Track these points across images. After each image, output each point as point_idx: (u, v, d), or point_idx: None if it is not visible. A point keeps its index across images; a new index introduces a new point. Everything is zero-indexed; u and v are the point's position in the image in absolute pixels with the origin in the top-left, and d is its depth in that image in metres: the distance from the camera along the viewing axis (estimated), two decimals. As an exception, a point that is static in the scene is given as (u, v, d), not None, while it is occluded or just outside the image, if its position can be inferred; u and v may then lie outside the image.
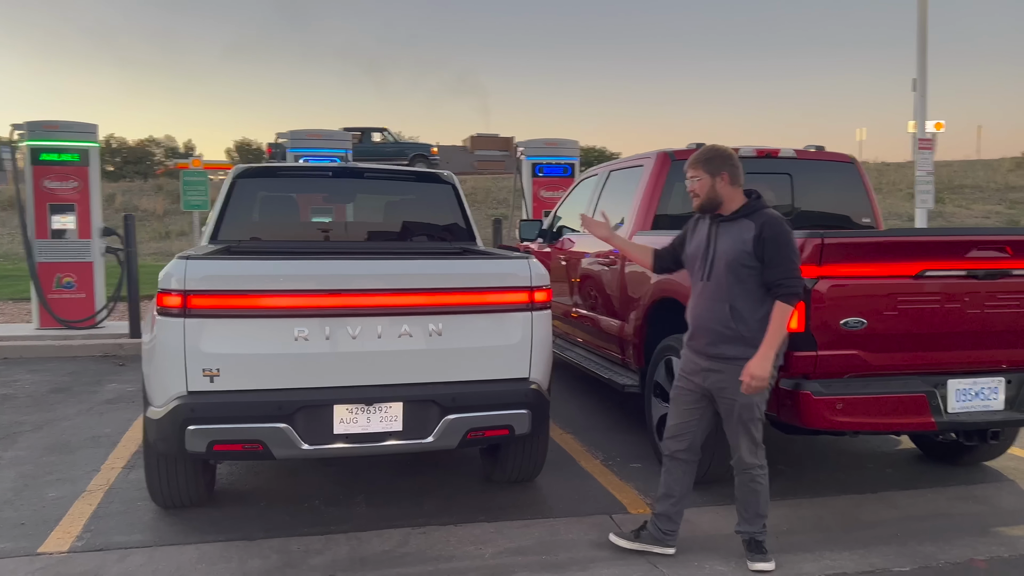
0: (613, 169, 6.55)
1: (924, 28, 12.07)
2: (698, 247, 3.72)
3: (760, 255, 3.46)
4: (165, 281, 3.48)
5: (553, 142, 10.93)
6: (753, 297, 3.52)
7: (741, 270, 3.51)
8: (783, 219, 3.54)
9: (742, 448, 3.65)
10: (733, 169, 3.62)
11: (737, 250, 3.52)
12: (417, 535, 4.07)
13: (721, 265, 3.55)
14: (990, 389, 4.02)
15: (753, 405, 3.58)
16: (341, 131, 10.50)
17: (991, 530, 4.19)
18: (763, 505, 3.71)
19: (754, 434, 3.63)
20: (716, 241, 3.61)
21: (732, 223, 3.60)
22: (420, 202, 5.40)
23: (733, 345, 3.54)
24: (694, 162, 3.68)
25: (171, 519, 4.23)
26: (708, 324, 3.60)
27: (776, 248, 3.45)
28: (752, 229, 3.50)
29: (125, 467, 5.13)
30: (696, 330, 3.69)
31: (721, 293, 3.56)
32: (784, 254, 3.45)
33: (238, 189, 5.08)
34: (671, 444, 3.83)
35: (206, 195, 9.84)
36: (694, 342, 3.71)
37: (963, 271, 3.90)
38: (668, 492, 3.85)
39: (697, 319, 3.67)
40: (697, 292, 3.69)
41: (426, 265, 3.78)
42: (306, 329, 3.55)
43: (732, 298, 3.53)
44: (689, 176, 3.70)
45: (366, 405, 3.64)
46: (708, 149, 3.69)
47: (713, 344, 3.59)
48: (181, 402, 3.51)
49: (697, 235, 3.76)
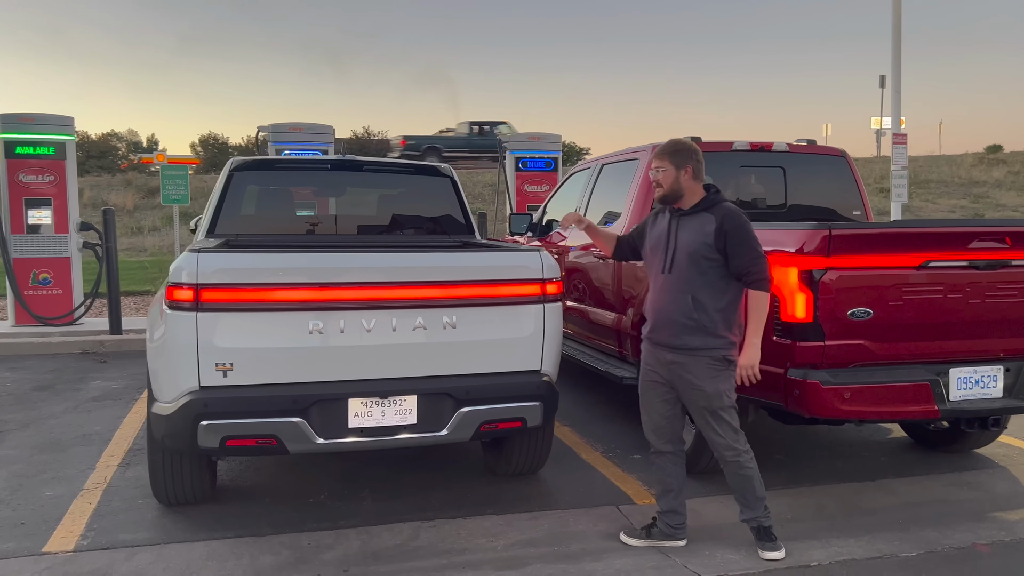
0: (606, 163, 6.56)
1: (898, 25, 12.26)
2: (658, 240, 3.76)
3: (722, 247, 3.54)
4: (176, 275, 3.43)
5: (536, 136, 10.95)
6: (714, 288, 3.59)
7: (703, 262, 3.58)
8: (741, 211, 3.66)
9: (720, 437, 3.68)
10: (697, 164, 3.71)
11: (699, 242, 3.58)
12: (427, 529, 4.06)
13: (683, 257, 3.61)
14: (989, 377, 4.10)
15: (722, 393, 3.62)
16: (324, 125, 10.39)
17: (988, 515, 4.29)
18: (758, 487, 3.74)
19: (730, 421, 3.66)
20: (677, 234, 3.66)
21: (692, 216, 3.66)
22: (419, 195, 5.37)
23: (695, 335, 3.59)
24: (661, 153, 3.73)
25: (175, 517, 4.18)
26: (671, 316, 3.64)
27: (739, 239, 3.54)
28: (713, 222, 3.58)
29: (121, 465, 5.05)
30: (658, 323, 3.71)
31: (683, 285, 3.61)
32: (747, 243, 3.54)
33: (235, 182, 5.02)
34: (653, 440, 3.86)
35: (186, 189, 9.70)
36: (656, 335, 3.73)
37: (965, 262, 3.97)
38: (666, 487, 3.87)
39: (659, 312, 3.70)
40: (658, 285, 3.73)
41: (441, 258, 3.77)
42: (321, 322, 3.52)
43: (694, 289, 3.59)
44: (654, 166, 3.74)
45: (381, 398, 3.62)
46: (675, 142, 3.76)
47: (676, 335, 3.62)
48: (193, 397, 3.46)
49: (656, 228, 3.81)
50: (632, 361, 5.67)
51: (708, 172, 5.98)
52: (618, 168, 6.25)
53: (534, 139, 10.91)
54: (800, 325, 3.89)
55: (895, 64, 12.23)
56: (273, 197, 5.20)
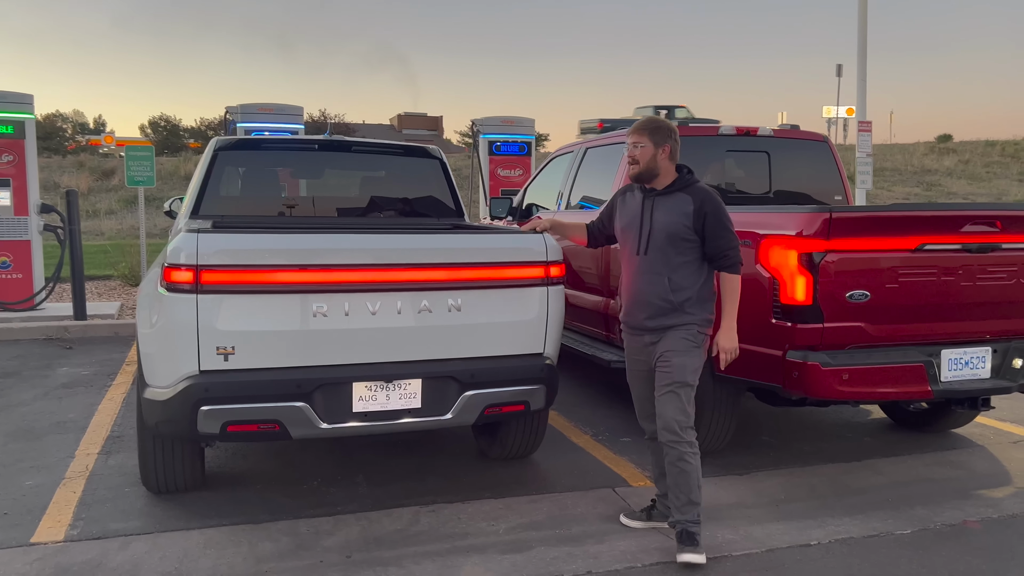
0: (590, 146, 6.54)
1: (864, 15, 12.43)
2: (631, 221, 3.68)
3: (699, 229, 3.50)
4: (175, 256, 3.32)
5: (510, 120, 10.88)
6: (689, 269, 3.56)
7: (680, 243, 3.53)
8: (716, 192, 3.63)
9: (672, 416, 3.51)
10: (675, 144, 3.63)
11: (677, 223, 3.52)
12: (427, 513, 4.03)
13: (660, 238, 3.54)
14: (978, 358, 4.20)
15: (686, 368, 3.52)
16: (293, 105, 10.19)
17: (974, 493, 4.40)
18: (695, 489, 3.54)
19: (684, 404, 3.53)
20: (652, 215, 3.58)
21: (667, 197, 3.59)
22: (408, 177, 5.29)
23: (671, 316, 3.56)
24: (640, 129, 3.62)
25: (166, 504, 4.07)
26: (647, 298, 3.58)
27: (718, 221, 3.50)
28: (690, 203, 3.52)
29: (102, 452, 4.90)
30: (634, 305, 3.65)
31: (659, 266, 3.56)
32: (726, 226, 3.52)
33: (219, 162, 4.88)
34: (646, 427, 3.84)
35: (152, 171, 9.43)
36: (632, 318, 3.68)
37: (958, 245, 4.05)
38: (663, 471, 3.80)
39: (636, 294, 3.64)
40: (633, 267, 3.65)
41: (447, 239, 3.72)
42: (325, 305, 3.44)
43: (671, 270, 3.54)
44: (632, 142, 3.62)
45: (385, 382, 3.57)
46: (654, 120, 3.66)
47: (652, 317, 3.58)
48: (193, 382, 3.37)
49: (628, 209, 3.72)
50: (619, 345, 5.68)
51: (695, 156, 6.07)
52: (604, 152, 6.23)
53: (508, 123, 10.84)
54: (800, 307, 3.92)
55: (860, 54, 12.40)
56: (259, 178, 5.07)
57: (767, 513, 4.11)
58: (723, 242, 3.50)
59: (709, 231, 3.50)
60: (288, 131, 9.99)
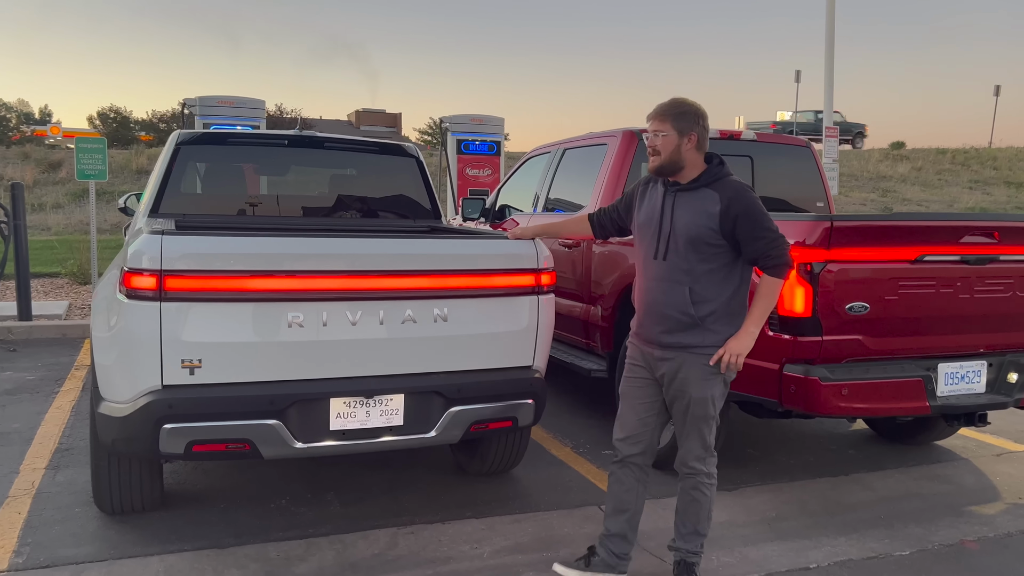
0: (568, 148, 6.34)
1: (831, 23, 12.48)
2: (649, 219, 3.18)
3: (729, 232, 3.00)
4: (135, 259, 3.02)
5: (479, 118, 10.63)
6: (715, 278, 3.06)
7: (705, 248, 3.03)
8: (748, 187, 3.12)
9: (690, 450, 3.19)
10: (703, 132, 3.11)
11: (700, 225, 3.02)
12: (405, 535, 3.78)
13: (681, 242, 3.05)
14: (974, 372, 4.09)
15: (708, 400, 3.12)
16: (254, 99, 9.80)
17: (965, 510, 4.30)
18: (704, 521, 3.24)
19: (706, 436, 3.17)
20: (673, 214, 3.09)
21: (691, 192, 3.09)
22: (383, 176, 5.03)
23: (691, 333, 3.08)
24: (661, 114, 3.10)
25: (122, 527, 3.76)
26: (663, 310, 3.11)
27: (750, 223, 2.99)
28: (717, 202, 3.01)
29: (49, 467, 4.55)
30: (648, 316, 3.19)
31: (679, 275, 3.07)
32: (762, 224, 3.00)
33: (182, 158, 4.56)
34: (625, 448, 3.29)
35: (104, 164, 8.98)
36: (645, 330, 3.21)
37: (957, 256, 3.93)
38: (620, 506, 3.32)
39: (650, 304, 3.17)
40: (649, 273, 3.17)
41: (433, 245, 3.46)
42: (301, 314, 3.17)
43: (693, 280, 3.05)
44: (652, 130, 3.12)
45: (365, 398, 3.31)
46: (680, 102, 3.12)
47: (669, 332, 3.11)
48: (155, 397, 3.07)
49: (648, 204, 3.23)
50: (600, 353, 5.50)
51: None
52: (584, 153, 6.04)
53: (477, 121, 10.59)
54: (798, 319, 3.77)
55: (828, 61, 12.45)
56: (224, 174, 4.76)
57: (760, 532, 3.95)
58: (762, 244, 2.99)
59: (742, 235, 2.99)
60: (249, 126, 9.61)
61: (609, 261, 5.30)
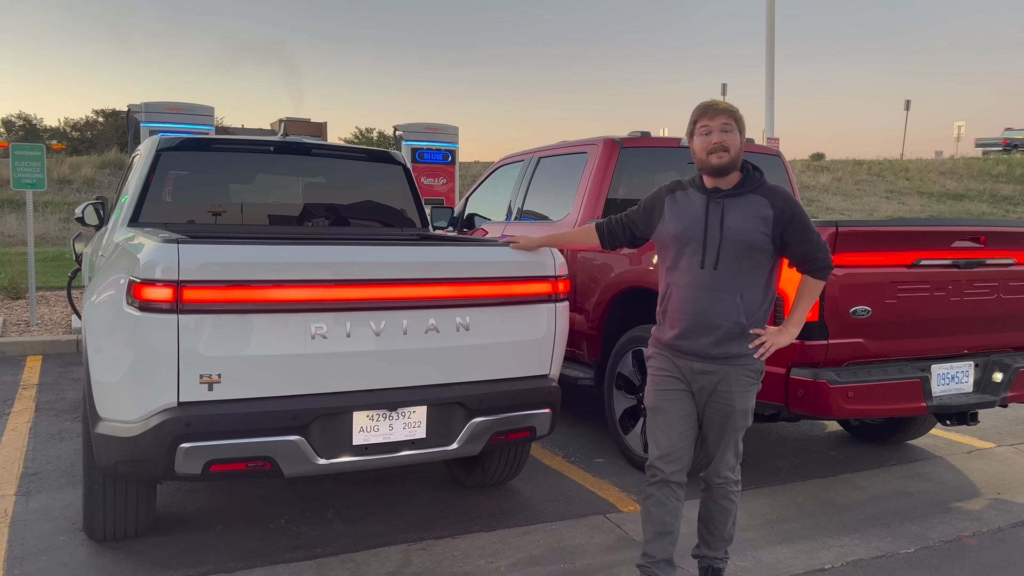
0: (544, 156, 6.33)
1: (772, 35, 12.87)
2: (691, 227, 3.03)
3: (780, 237, 2.96)
4: (149, 269, 2.85)
5: (433, 127, 10.52)
6: (759, 285, 3.03)
7: (756, 254, 2.97)
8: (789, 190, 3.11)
9: (726, 461, 3.15)
10: None
11: (755, 231, 2.95)
12: (417, 552, 3.68)
13: (736, 249, 2.95)
14: (963, 373, 4.23)
15: (749, 411, 3.09)
16: (204, 105, 9.48)
17: (952, 506, 4.43)
18: (731, 526, 3.23)
19: (739, 445, 3.16)
20: (723, 221, 2.97)
21: (739, 199, 2.99)
22: (370, 184, 4.90)
23: (739, 342, 3.01)
24: (728, 111, 2.98)
25: (115, 555, 3.54)
26: (714, 320, 2.98)
27: (801, 224, 2.98)
28: (768, 207, 2.95)
29: (19, 493, 4.27)
30: (697, 328, 3.02)
31: (731, 283, 2.97)
32: (811, 228, 3.01)
33: (163, 164, 4.36)
34: (665, 466, 3.11)
35: (42, 172, 8.51)
36: (691, 343, 3.03)
37: (949, 260, 4.07)
38: (664, 529, 3.13)
39: (698, 315, 3.00)
40: (695, 282, 3.01)
41: (453, 252, 3.38)
42: (324, 325, 3.05)
43: (743, 287, 2.98)
44: (722, 123, 2.96)
45: (389, 411, 3.20)
46: (728, 103, 3.03)
47: (719, 343, 2.99)
48: (171, 416, 2.90)
49: (683, 212, 3.07)
50: (586, 361, 5.49)
51: (657, 168, 5.96)
52: (562, 162, 6.03)
53: (431, 130, 10.48)
54: (806, 324, 3.81)
55: (768, 73, 12.82)
56: (208, 182, 4.56)
57: (767, 535, 3.99)
58: (810, 246, 2.99)
59: (794, 238, 2.96)
60: (196, 133, 9.27)
61: (596, 269, 5.29)
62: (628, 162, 5.59)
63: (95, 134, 45.91)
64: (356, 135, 43.24)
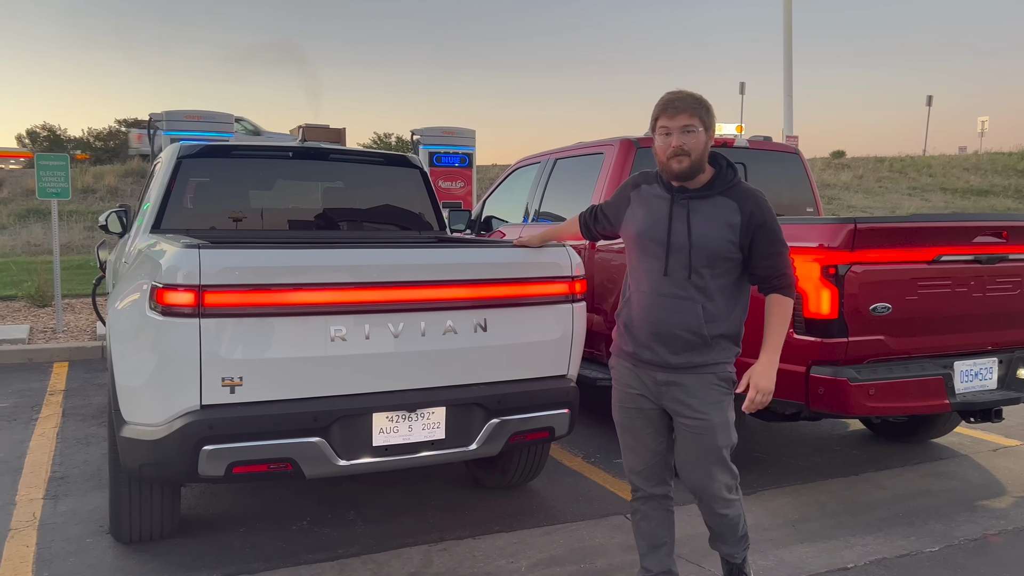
0: (560, 158, 6.34)
1: (789, 33, 12.80)
2: (653, 230, 2.80)
3: (746, 244, 2.73)
4: (171, 274, 2.90)
5: (450, 131, 10.57)
6: (727, 294, 2.79)
7: (720, 262, 2.74)
8: (763, 194, 2.80)
9: (717, 485, 2.88)
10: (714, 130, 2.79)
11: (720, 238, 2.72)
12: (438, 552, 3.70)
13: (697, 257, 2.73)
14: (986, 369, 4.19)
15: (729, 426, 2.85)
16: (223, 112, 9.58)
17: (977, 504, 4.39)
18: (743, 526, 3.05)
19: (730, 464, 2.89)
20: (688, 224, 2.74)
21: (705, 201, 2.75)
22: (388, 188, 4.94)
23: (700, 353, 2.78)
24: (694, 107, 2.69)
25: (141, 556, 3.60)
26: (673, 329, 2.78)
27: (771, 235, 2.74)
28: (737, 212, 2.72)
29: (47, 497, 4.34)
30: (653, 338, 2.82)
31: (693, 291, 2.75)
32: (779, 239, 2.76)
33: (183, 171, 4.42)
34: (640, 482, 3.03)
35: (67, 182, 8.65)
36: (648, 352, 2.84)
37: (971, 256, 4.03)
38: (655, 542, 3.06)
39: (656, 323, 2.80)
40: (654, 288, 2.80)
41: (471, 254, 3.41)
42: (344, 328, 3.08)
43: (706, 297, 2.76)
44: (681, 126, 2.68)
45: (408, 411, 3.23)
46: (698, 95, 2.73)
47: (679, 354, 2.78)
48: (194, 418, 2.95)
49: (648, 212, 2.84)
50: (604, 362, 5.49)
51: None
52: (578, 163, 6.05)
53: (448, 134, 10.53)
54: (825, 321, 3.81)
55: (787, 71, 12.75)
56: (229, 188, 4.62)
57: (788, 535, 3.97)
58: (777, 259, 2.75)
59: (760, 247, 2.73)
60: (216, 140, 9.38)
61: (614, 269, 5.29)
62: (645, 162, 5.58)
63: (118, 143, 46.50)
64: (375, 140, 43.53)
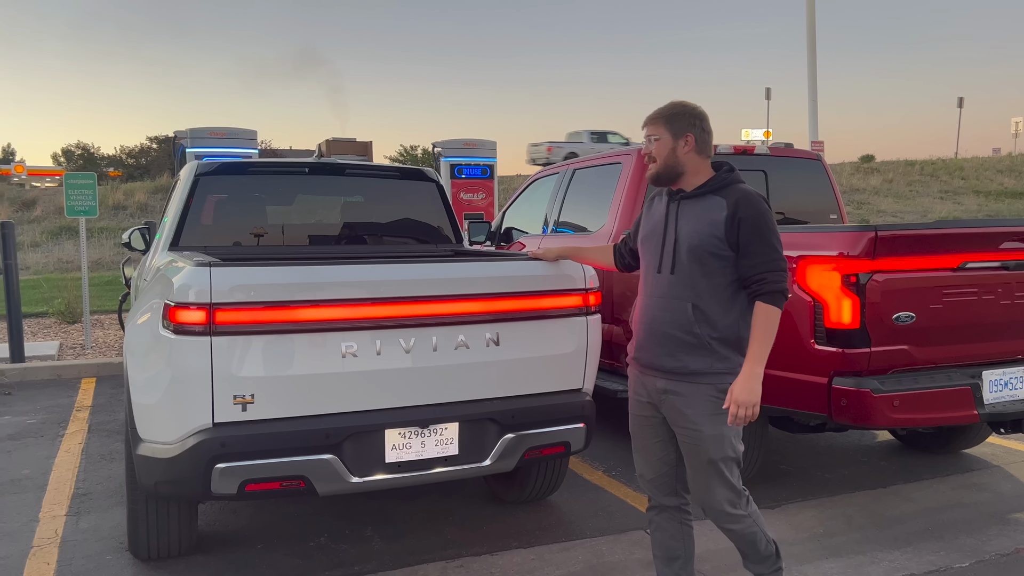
0: (579, 167, 6.31)
1: (813, 40, 12.67)
2: (653, 231, 2.92)
3: (733, 241, 2.71)
4: (182, 293, 2.91)
5: (472, 143, 10.58)
6: (722, 295, 2.77)
7: (709, 260, 2.74)
8: (762, 196, 2.79)
9: (717, 499, 2.82)
10: (702, 134, 2.83)
11: (704, 234, 2.74)
12: (455, 569, 3.66)
13: (684, 253, 2.76)
14: (1017, 378, 4.08)
15: (725, 439, 2.78)
16: (246, 129, 9.68)
17: (1010, 517, 4.26)
18: (765, 544, 2.95)
19: (730, 478, 2.81)
20: (677, 223, 2.81)
21: (697, 200, 2.81)
22: (405, 201, 4.95)
23: (696, 356, 2.76)
24: (655, 118, 2.87)
25: (159, 574, 3.61)
26: (664, 328, 2.80)
27: (754, 231, 2.69)
28: (723, 208, 2.73)
29: (70, 514, 4.37)
30: (648, 338, 2.87)
31: (682, 290, 2.77)
32: (765, 239, 2.70)
33: (201, 189, 4.45)
34: (652, 491, 3.04)
35: (94, 200, 8.79)
36: (644, 354, 2.89)
37: (997, 262, 3.93)
38: (670, 554, 3.03)
39: (649, 323, 2.86)
40: (649, 289, 2.89)
41: (482, 268, 3.39)
42: (355, 344, 3.07)
43: (696, 296, 2.76)
44: (646, 134, 2.88)
45: (421, 428, 3.21)
46: (674, 104, 2.88)
47: (670, 354, 2.79)
48: (207, 436, 2.95)
49: (652, 216, 2.97)
50: (625, 374, 5.43)
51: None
52: (596, 173, 6.01)
53: (469, 146, 10.54)
54: (847, 331, 3.73)
55: (811, 76, 12.61)
56: (246, 205, 4.65)
57: (813, 550, 3.88)
58: (760, 259, 2.68)
59: (744, 243, 2.69)
60: (239, 156, 9.48)
61: (634, 280, 5.23)
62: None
63: (148, 160, 47.27)
64: (401, 153, 43.84)
